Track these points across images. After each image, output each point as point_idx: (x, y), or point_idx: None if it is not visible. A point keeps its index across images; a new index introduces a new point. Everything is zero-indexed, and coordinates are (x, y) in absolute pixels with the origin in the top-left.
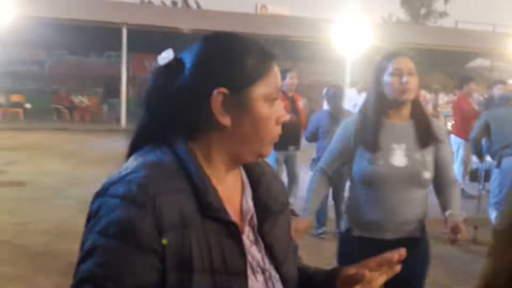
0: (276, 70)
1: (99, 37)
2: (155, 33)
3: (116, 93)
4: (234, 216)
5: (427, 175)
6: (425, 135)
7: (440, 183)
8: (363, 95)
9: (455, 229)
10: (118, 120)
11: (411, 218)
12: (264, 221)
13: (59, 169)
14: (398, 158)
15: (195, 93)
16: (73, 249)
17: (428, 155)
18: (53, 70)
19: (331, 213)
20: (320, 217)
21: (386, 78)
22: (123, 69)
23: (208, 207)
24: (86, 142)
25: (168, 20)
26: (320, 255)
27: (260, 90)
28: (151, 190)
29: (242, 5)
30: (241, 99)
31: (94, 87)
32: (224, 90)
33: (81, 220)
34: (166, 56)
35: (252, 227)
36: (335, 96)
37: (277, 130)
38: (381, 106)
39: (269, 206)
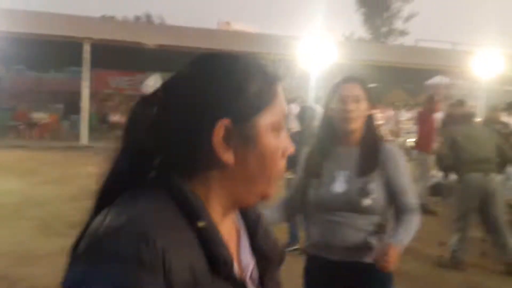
0: (281, 94)
1: (60, 52)
2: (118, 48)
3: (77, 109)
4: (236, 269)
5: (367, 202)
6: (369, 162)
7: (395, 210)
8: None
9: (381, 256)
10: (78, 137)
11: (355, 243)
12: (264, 274)
13: (17, 189)
14: (338, 184)
15: (192, 126)
16: (33, 274)
17: (372, 182)
18: (12, 85)
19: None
20: (293, 233)
21: (332, 105)
22: (85, 85)
23: (218, 262)
24: (45, 160)
25: (132, 35)
26: (293, 273)
27: (266, 119)
28: (159, 244)
29: (206, 21)
30: (246, 131)
31: (54, 103)
32: (226, 122)
33: (41, 242)
34: (152, 83)
35: (253, 281)
36: (309, 117)
37: (283, 165)
38: (329, 132)
39: (269, 257)
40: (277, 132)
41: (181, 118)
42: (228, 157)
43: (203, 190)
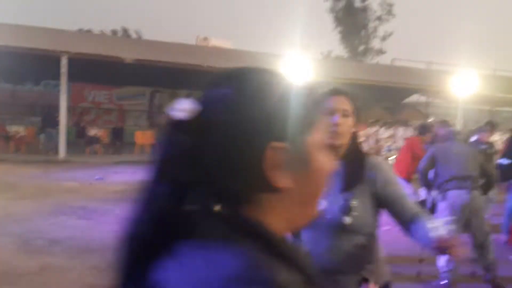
0: (324, 109)
1: (37, 65)
2: (96, 62)
3: (53, 123)
4: None
5: (347, 220)
6: (353, 177)
7: (402, 220)
8: None
9: (443, 245)
10: (55, 150)
11: (341, 269)
12: None
13: None
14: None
15: (240, 153)
16: None
17: (355, 199)
18: None
19: None
20: None
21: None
22: (62, 98)
23: (313, 280)
24: (22, 174)
25: (109, 49)
26: None
27: (316, 137)
28: (284, 284)
29: (183, 37)
30: (298, 152)
31: (31, 117)
32: (277, 144)
33: (21, 260)
34: (185, 108)
35: None
36: None
37: (328, 183)
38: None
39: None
40: (323, 149)
41: (226, 144)
42: (281, 180)
43: (258, 217)
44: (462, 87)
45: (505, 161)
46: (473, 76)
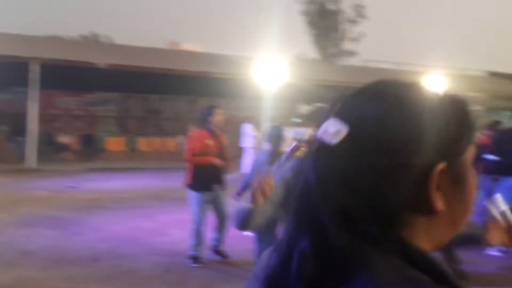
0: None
1: (4, 72)
2: (66, 68)
3: (22, 131)
4: None
5: None
6: None
7: None
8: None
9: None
10: (24, 159)
11: None
12: None
13: None
14: None
15: (400, 174)
16: None
17: None
18: None
19: None
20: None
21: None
22: (32, 106)
23: None
24: None
25: (80, 55)
26: None
27: (469, 154)
28: None
29: (153, 41)
30: (457, 173)
31: None
32: (442, 166)
33: None
34: (333, 131)
35: None
36: (277, 136)
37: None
38: None
39: None
40: (471, 166)
41: (383, 166)
42: (440, 203)
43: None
44: (431, 87)
45: (490, 157)
46: (442, 76)
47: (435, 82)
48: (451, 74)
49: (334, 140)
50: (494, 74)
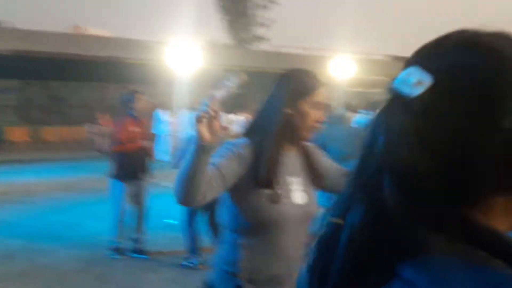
0: None
1: None
2: None
3: None
4: None
5: (318, 211)
6: (311, 165)
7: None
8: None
9: None
10: None
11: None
12: None
13: None
14: (298, 194)
15: (487, 137)
16: None
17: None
18: None
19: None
20: (192, 245)
21: (303, 107)
22: None
23: None
24: None
25: None
26: None
27: None
28: None
29: (56, 25)
30: None
31: None
32: None
33: None
34: (416, 80)
35: None
36: None
37: None
38: (283, 134)
39: None
40: None
41: (473, 128)
42: None
43: (484, 221)
44: (340, 71)
45: None
46: (349, 60)
47: (344, 66)
48: (358, 58)
49: (416, 91)
50: (398, 58)
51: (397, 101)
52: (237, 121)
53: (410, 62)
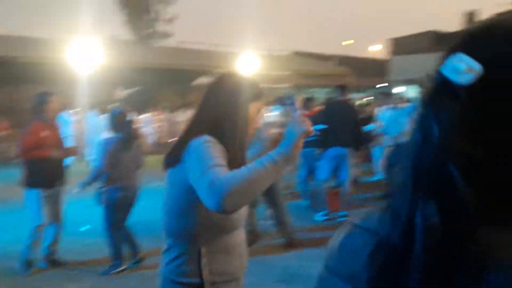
0: None
1: None
2: None
3: None
4: None
5: None
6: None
7: None
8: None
9: None
10: None
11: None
12: None
13: None
14: None
15: None
16: None
17: None
18: None
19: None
20: (115, 252)
21: (252, 110)
22: None
23: None
24: None
25: None
26: None
27: None
28: None
29: None
30: None
31: None
32: None
33: None
34: (466, 67)
35: None
36: (128, 123)
37: None
38: (240, 132)
39: None
40: None
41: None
42: None
43: None
44: (245, 67)
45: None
46: (254, 56)
47: (248, 62)
48: (261, 54)
49: (466, 78)
50: (298, 54)
51: (446, 90)
52: (145, 121)
53: (455, 49)
